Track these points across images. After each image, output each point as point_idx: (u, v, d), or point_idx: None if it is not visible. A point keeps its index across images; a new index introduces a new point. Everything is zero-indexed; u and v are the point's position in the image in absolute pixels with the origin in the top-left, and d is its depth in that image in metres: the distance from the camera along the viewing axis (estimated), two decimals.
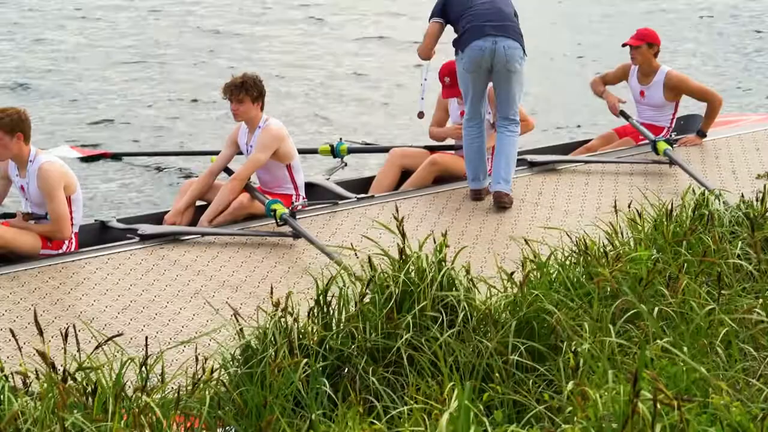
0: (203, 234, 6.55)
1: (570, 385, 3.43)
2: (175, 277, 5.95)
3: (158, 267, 6.09)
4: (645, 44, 8.02)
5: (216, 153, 7.42)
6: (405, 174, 7.66)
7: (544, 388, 3.91)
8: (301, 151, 7.38)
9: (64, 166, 6.33)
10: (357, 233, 6.47)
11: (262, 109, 6.92)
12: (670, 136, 8.09)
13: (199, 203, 7.06)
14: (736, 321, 3.95)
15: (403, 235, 4.45)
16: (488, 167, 7.28)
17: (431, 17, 7.28)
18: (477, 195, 7.23)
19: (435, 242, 4.54)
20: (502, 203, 7.01)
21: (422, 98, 7.53)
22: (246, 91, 6.81)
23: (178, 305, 5.57)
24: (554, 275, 4.56)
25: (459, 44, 7.12)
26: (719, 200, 5.57)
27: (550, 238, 5.01)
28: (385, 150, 8.11)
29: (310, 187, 7.35)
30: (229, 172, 7.23)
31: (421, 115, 7.60)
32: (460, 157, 7.58)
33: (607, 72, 8.50)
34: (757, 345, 3.79)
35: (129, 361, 3.69)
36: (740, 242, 4.86)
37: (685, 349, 3.62)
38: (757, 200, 5.43)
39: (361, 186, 7.70)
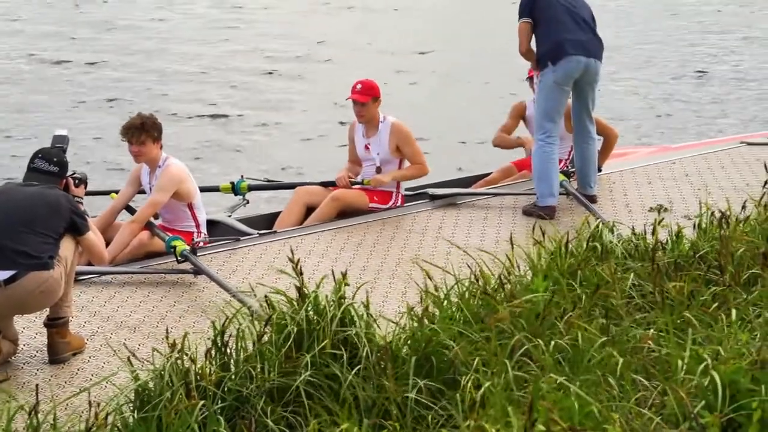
0: (101, 273, 6.42)
1: (467, 421, 3.46)
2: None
3: None
4: None
5: (116, 191, 7.31)
6: (310, 212, 7.66)
7: (443, 423, 3.93)
8: (203, 189, 7.32)
9: None
10: (259, 269, 6.44)
11: (161, 147, 6.86)
12: (567, 168, 8.25)
13: None
14: (628, 352, 4.04)
15: (301, 274, 4.45)
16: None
17: (520, 17, 7.58)
18: (551, 211, 7.46)
19: (335, 279, 4.54)
20: (593, 202, 7.62)
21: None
22: (146, 133, 6.74)
23: None
24: (454, 309, 4.60)
25: (550, 56, 7.43)
26: (612, 232, 5.70)
27: (450, 270, 5.05)
28: (287, 187, 8.09)
29: (211, 224, 7.29)
30: (130, 210, 7.12)
31: None
32: (362, 192, 7.62)
33: (504, 124, 8.56)
34: (648, 375, 3.87)
35: (18, 408, 3.59)
36: (632, 274, 4.98)
37: (579, 381, 3.68)
38: (648, 232, 5.56)
39: (266, 222, 7.67)
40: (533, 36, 7.60)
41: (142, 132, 6.72)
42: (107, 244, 6.82)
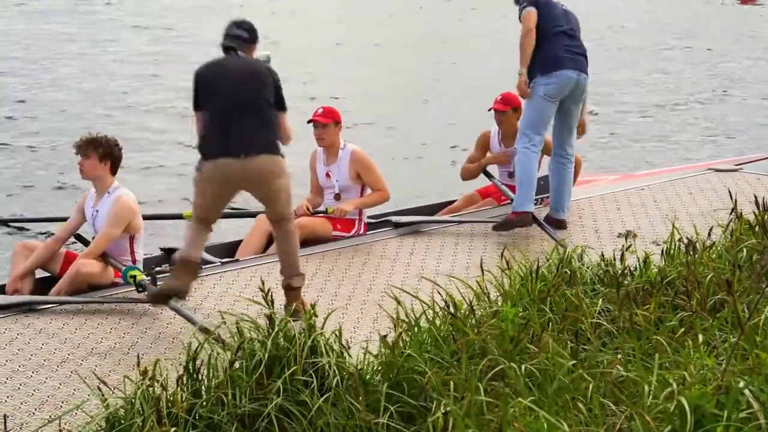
0: (61, 303, 6.32)
1: None
2: (41, 346, 5.79)
3: (22, 336, 5.91)
4: (510, 109, 8.27)
5: (62, 219, 7.22)
6: (272, 239, 7.63)
7: None
8: (167, 217, 7.26)
9: None
10: (229, 297, 6.42)
11: (113, 173, 6.77)
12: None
13: (40, 274, 6.85)
14: (596, 376, 4.08)
15: (272, 302, 4.47)
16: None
17: (526, 6, 7.49)
18: (528, 218, 7.53)
19: (304, 306, 4.56)
20: (562, 228, 7.68)
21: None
22: (93, 148, 6.66)
23: (44, 375, 5.41)
24: (425, 335, 4.62)
25: (546, 67, 7.42)
26: (582, 258, 5.75)
27: (422, 297, 5.07)
28: (251, 215, 8.06)
29: (173, 251, 7.24)
30: (80, 239, 7.05)
31: None
32: (325, 220, 7.63)
33: (470, 155, 8.59)
34: (616, 399, 3.91)
35: None
36: (601, 299, 5.03)
37: (548, 405, 3.71)
38: (616, 258, 5.62)
39: (226, 250, 7.63)
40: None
41: (89, 146, 6.66)
42: (50, 276, 6.77)
